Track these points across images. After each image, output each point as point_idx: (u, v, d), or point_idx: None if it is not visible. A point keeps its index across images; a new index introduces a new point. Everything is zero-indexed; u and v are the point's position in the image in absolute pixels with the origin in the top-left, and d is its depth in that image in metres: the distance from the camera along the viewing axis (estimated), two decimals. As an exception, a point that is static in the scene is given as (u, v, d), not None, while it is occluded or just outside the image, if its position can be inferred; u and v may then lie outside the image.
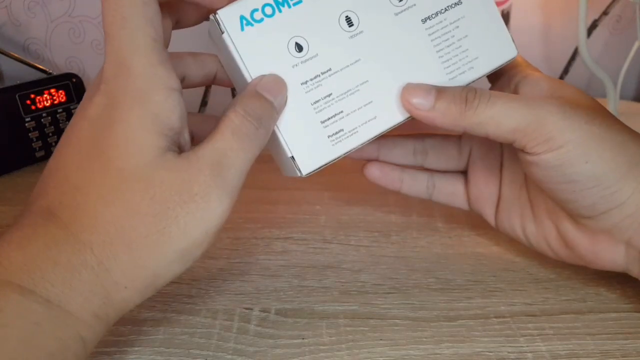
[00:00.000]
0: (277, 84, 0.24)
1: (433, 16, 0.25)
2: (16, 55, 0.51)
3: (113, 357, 0.25)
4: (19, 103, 0.45)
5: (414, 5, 0.25)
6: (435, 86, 0.25)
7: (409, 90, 0.25)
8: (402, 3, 0.25)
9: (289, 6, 0.24)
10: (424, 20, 0.25)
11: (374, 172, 0.32)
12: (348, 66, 0.25)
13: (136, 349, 0.25)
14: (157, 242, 0.21)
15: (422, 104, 0.25)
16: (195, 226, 0.22)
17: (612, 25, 0.53)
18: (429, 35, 0.25)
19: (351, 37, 0.25)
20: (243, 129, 0.23)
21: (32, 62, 0.51)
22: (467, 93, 0.25)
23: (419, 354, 0.25)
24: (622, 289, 0.29)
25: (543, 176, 0.25)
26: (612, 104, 0.47)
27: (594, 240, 0.26)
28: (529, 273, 0.31)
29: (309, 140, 0.25)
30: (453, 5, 0.25)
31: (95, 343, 0.22)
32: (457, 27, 0.25)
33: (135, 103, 0.21)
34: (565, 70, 0.55)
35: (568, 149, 0.24)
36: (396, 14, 0.25)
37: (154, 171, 0.21)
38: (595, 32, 0.54)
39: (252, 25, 0.24)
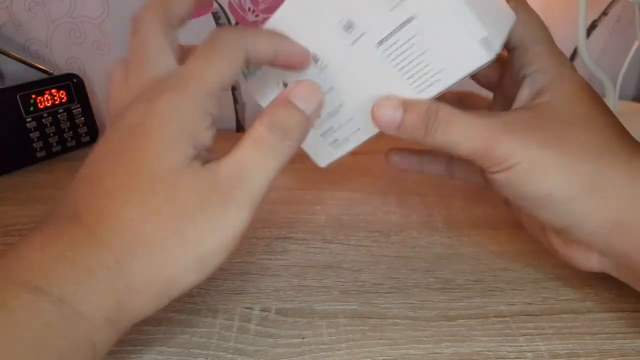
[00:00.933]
0: (311, 90, 0.25)
1: (386, 38, 0.25)
2: (17, 55, 0.51)
3: (113, 357, 0.25)
4: (20, 103, 0.45)
5: (364, 32, 0.25)
6: (403, 101, 0.26)
7: (376, 106, 0.26)
8: (353, 33, 0.25)
9: None
10: (379, 44, 0.25)
11: (394, 158, 0.34)
12: (326, 93, 0.27)
13: (137, 348, 0.26)
14: (175, 245, 0.22)
15: (388, 121, 0.26)
16: (212, 233, 0.22)
17: (612, 25, 0.54)
18: (387, 56, 0.26)
19: (320, 70, 0.27)
20: (266, 140, 0.23)
21: (32, 63, 0.51)
22: (427, 119, 0.26)
23: (418, 354, 0.25)
24: (621, 289, 0.29)
25: (503, 192, 0.26)
26: (612, 104, 0.47)
27: (568, 247, 0.27)
28: (528, 273, 0.31)
29: (317, 148, 0.30)
30: (404, 24, 0.25)
31: (106, 351, 0.21)
32: (413, 44, 0.25)
33: (173, 118, 0.22)
34: (565, 71, 0.55)
35: (516, 170, 0.25)
36: (352, 44, 0.26)
37: (179, 176, 0.22)
38: (595, 33, 0.54)
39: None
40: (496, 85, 0.32)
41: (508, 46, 0.29)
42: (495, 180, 0.26)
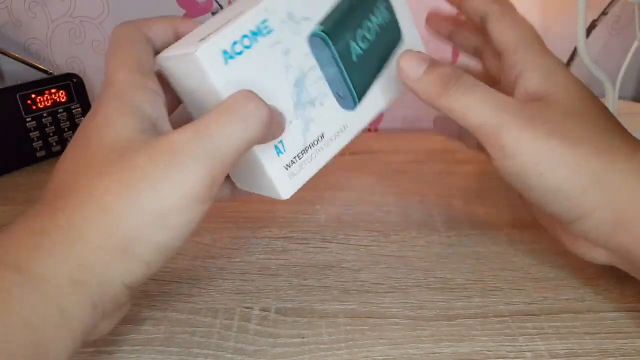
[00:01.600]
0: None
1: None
2: (17, 55, 0.51)
3: (113, 357, 0.25)
4: (20, 103, 0.45)
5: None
6: (431, 59, 0.27)
7: (404, 57, 0.27)
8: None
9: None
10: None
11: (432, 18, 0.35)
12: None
13: (136, 348, 0.26)
14: (128, 200, 0.21)
15: (410, 73, 0.27)
16: (166, 185, 0.22)
17: (612, 25, 0.54)
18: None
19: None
20: (234, 106, 0.23)
21: (33, 63, 0.51)
22: (449, 80, 0.26)
23: (418, 353, 0.25)
24: (621, 289, 0.29)
25: (509, 181, 0.26)
26: (611, 104, 0.47)
27: (577, 241, 0.27)
28: (528, 273, 0.31)
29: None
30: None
31: (84, 320, 0.21)
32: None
33: (112, 98, 0.24)
34: (565, 71, 0.55)
35: (522, 160, 0.25)
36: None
37: (129, 143, 0.22)
38: (595, 33, 0.54)
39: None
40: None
41: (497, 50, 0.29)
42: (500, 168, 0.26)
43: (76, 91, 0.49)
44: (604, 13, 0.52)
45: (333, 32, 0.28)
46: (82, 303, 0.21)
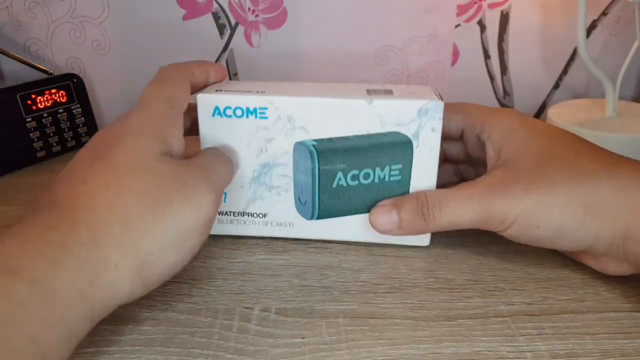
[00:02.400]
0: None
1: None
2: (17, 55, 0.51)
3: (114, 357, 0.25)
4: (20, 103, 0.45)
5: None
6: (392, 202, 0.30)
7: (373, 216, 0.30)
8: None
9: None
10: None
11: None
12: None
13: (136, 348, 0.26)
14: (152, 222, 0.22)
15: (388, 227, 0.30)
16: (189, 211, 0.24)
17: (612, 25, 0.54)
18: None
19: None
20: (219, 152, 0.30)
21: (33, 63, 0.51)
22: (421, 209, 0.29)
23: (418, 354, 0.25)
24: (621, 289, 0.29)
25: (517, 241, 0.29)
26: (611, 104, 0.47)
27: (598, 260, 0.29)
28: (528, 273, 0.31)
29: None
30: None
31: (80, 332, 0.21)
32: None
33: (147, 121, 0.25)
34: (564, 71, 0.55)
35: (519, 223, 0.27)
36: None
37: (151, 163, 0.24)
38: (595, 33, 0.54)
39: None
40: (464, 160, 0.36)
41: (457, 134, 0.33)
42: (506, 235, 0.28)
43: (76, 91, 0.49)
44: (604, 13, 0.52)
45: (322, 152, 0.30)
46: (84, 317, 0.21)
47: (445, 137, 0.32)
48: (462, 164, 0.37)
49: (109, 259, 0.21)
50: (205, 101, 0.30)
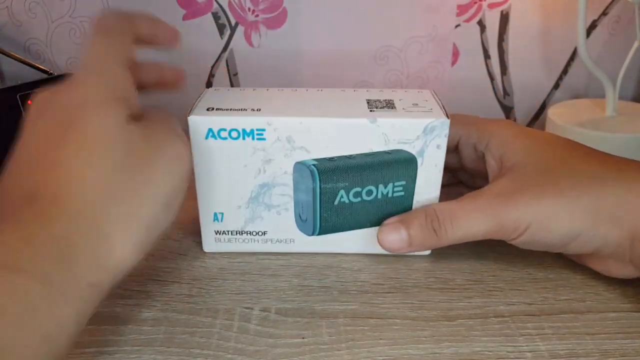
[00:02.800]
0: None
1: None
2: (17, 55, 0.51)
3: (114, 357, 0.25)
4: (20, 103, 0.45)
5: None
6: (399, 218, 0.30)
7: (381, 236, 0.30)
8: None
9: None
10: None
11: None
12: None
13: (136, 348, 0.26)
14: (144, 191, 0.23)
15: (399, 245, 0.29)
16: (172, 169, 0.24)
17: (612, 25, 0.54)
18: None
19: None
20: (164, 110, 0.27)
21: (33, 63, 0.51)
22: (431, 223, 0.28)
23: (418, 353, 0.25)
24: (621, 289, 0.29)
25: (529, 248, 0.29)
26: (611, 104, 0.47)
27: (604, 263, 0.29)
28: (528, 273, 0.31)
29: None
30: None
31: (85, 320, 0.21)
32: None
33: (102, 86, 0.24)
34: (564, 71, 0.55)
35: (531, 230, 0.27)
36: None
37: (122, 130, 0.23)
38: (595, 33, 0.54)
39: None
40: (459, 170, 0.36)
41: (454, 146, 0.34)
42: (518, 243, 0.28)
43: (76, 91, 0.49)
44: (604, 13, 0.52)
45: (323, 172, 0.29)
46: (94, 304, 0.21)
47: None
48: (458, 171, 0.37)
49: (113, 240, 0.21)
50: (198, 123, 0.29)
